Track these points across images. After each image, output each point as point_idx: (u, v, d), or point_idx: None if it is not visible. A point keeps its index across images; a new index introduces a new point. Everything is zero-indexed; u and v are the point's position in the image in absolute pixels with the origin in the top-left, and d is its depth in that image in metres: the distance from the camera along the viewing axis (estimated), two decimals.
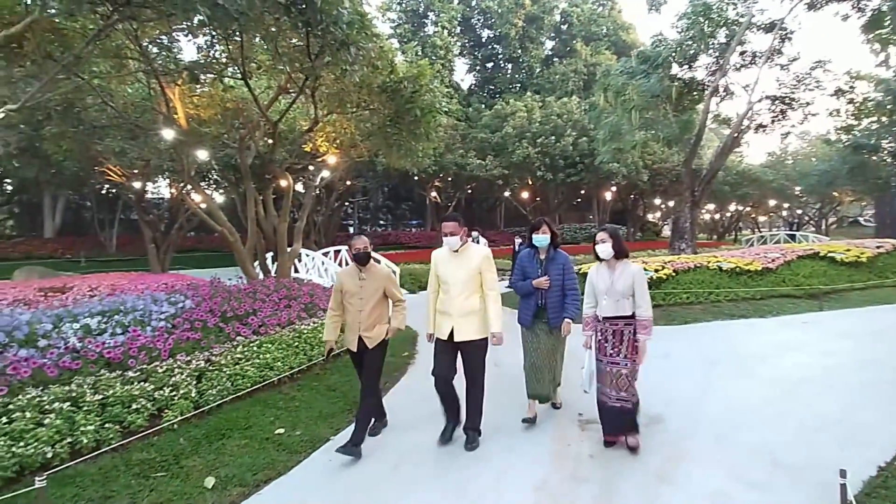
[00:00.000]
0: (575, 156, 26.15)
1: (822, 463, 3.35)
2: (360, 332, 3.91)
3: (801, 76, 17.20)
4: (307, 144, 11.30)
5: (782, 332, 7.40)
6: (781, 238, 31.37)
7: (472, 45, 36.96)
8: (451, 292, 3.85)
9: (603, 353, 3.82)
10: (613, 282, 3.70)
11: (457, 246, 3.85)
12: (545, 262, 4.19)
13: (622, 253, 3.76)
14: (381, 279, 4.01)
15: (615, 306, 3.71)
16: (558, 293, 4.14)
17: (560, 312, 4.13)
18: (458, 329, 3.82)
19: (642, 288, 3.68)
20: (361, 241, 3.97)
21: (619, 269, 3.75)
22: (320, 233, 26.38)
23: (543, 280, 4.11)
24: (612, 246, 3.72)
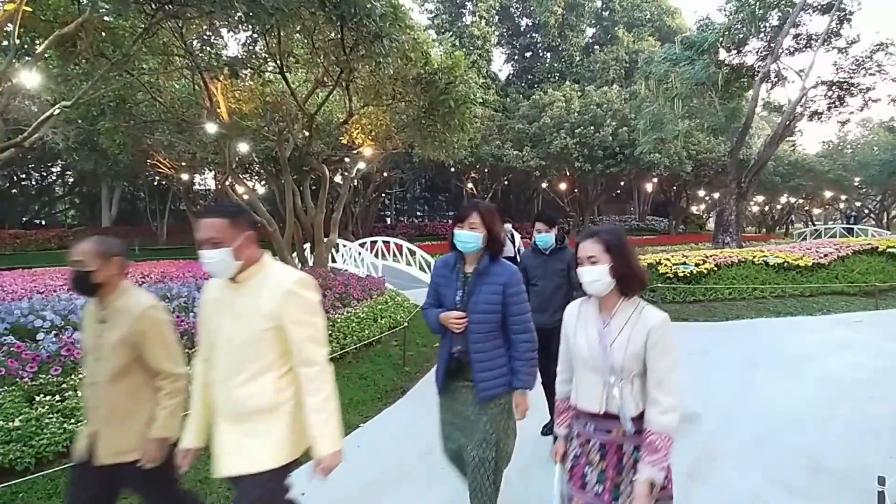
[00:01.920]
0: (615, 146, 25.52)
1: (866, 470, 3.18)
2: (92, 429, 2.04)
3: (861, 60, 16.16)
4: (344, 136, 11.48)
5: (832, 331, 7.04)
6: (837, 232, 29.70)
7: (511, 35, 36.48)
8: (217, 367, 1.94)
9: (579, 484, 1.90)
10: (607, 344, 1.83)
11: (220, 267, 1.84)
12: (472, 279, 2.32)
13: (630, 281, 1.85)
14: (131, 324, 1.99)
15: (604, 394, 1.85)
16: (492, 338, 2.32)
17: (497, 374, 2.32)
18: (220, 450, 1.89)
19: (664, 361, 1.77)
20: (83, 248, 1.99)
21: (622, 316, 1.85)
22: (358, 224, 26.80)
23: (454, 317, 2.29)
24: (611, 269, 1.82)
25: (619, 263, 1.83)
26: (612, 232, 1.92)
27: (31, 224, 29.09)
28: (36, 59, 6.78)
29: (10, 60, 6.32)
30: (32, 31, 7.07)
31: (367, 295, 7.46)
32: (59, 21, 6.57)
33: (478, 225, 2.29)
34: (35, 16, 6.62)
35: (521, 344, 2.34)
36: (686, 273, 9.31)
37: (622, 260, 1.84)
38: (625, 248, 1.87)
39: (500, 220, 2.37)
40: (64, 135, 16.03)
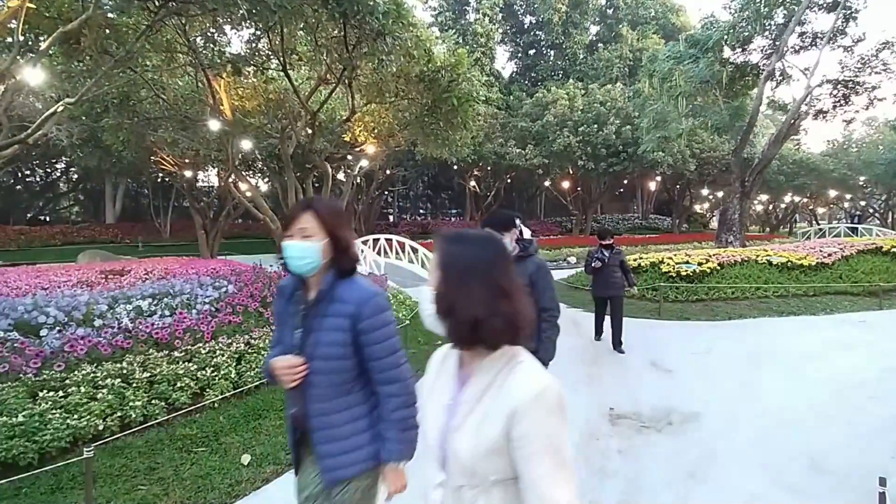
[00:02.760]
0: (618, 144, 25.44)
1: (868, 471, 3.17)
2: None
3: (866, 58, 16.03)
4: (346, 134, 11.50)
5: (835, 331, 7.02)
6: (841, 231, 29.56)
7: (514, 32, 36.36)
8: None
9: None
10: (451, 426, 1.11)
11: None
12: (311, 310, 1.63)
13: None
14: None
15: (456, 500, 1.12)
16: (342, 393, 1.63)
17: (349, 445, 1.62)
18: None
19: (538, 467, 1.01)
20: None
21: (483, 378, 1.10)
22: (360, 221, 26.82)
23: (282, 366, 1.59)
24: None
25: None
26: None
27: (36, 220, 29.20)
28: (40, 56, 6.80)
29: (14, 57, 6.34)
30: (36, 28, 7.10)
31: None
32: (63, 18, 6.60)
33: (313, 231, 1.57)
34: (39, 13, 6.64)
35: (389, 400, 1.59)
36: (689, 272, 9.29)
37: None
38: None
39: (347, 220, 1.65)
40: (68, 131, 16.06)
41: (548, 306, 2.89)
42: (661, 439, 3.84)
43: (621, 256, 6.38)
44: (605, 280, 6.30)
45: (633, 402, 4.56)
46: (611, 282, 6.28)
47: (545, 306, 2.88)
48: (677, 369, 5.48)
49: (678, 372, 5.40)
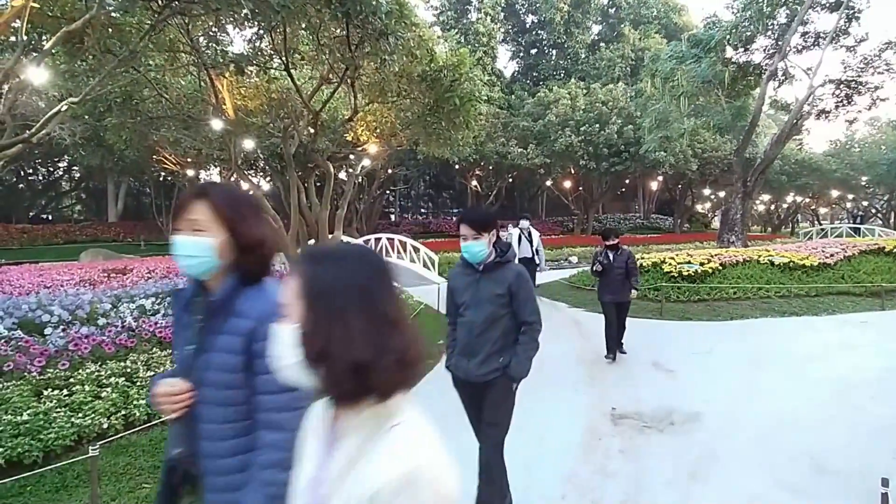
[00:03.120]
0: (620, 144, 25.40)
1: (870, 471, 3.17)
2: None
3: (869, 58, 16.01)
4: (348, 133, 11.50)
5: (838, 332, 7.02)
6: (844, 231, 29.50)
7: (516, 32, 36.33)
8: None
9: None
10: (318, 494, 0.84)
11: None
12: (210, 320, 1.28)
13: (390, 373, 0.80)
14: None
15: None
16: (239, 432, 1.25)
17: None
18: None
19: None
20: None
21: (354, 440, 0.81)
22: (362, 220, 26.84)
23: (167, 390, 1.25)
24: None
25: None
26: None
27: (38, 219, 29.25)
28: (43, 56, 6.82)
29: (17, 57, 6.36)
30: (40, 27, 7.12)
31: None
32: (67, 17, 6.61)
33: (206, 224, 1.27)
34: (42, 12, 6.65)
35: (265, 451, 1.18)
36: (691, 272, 9.29)
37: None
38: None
39: (254, 211, 1.33)
40: (71, 130, 16.08)
41: (530, 319, 2.60)
42: (663, 439, 3.85)
43: (627, 257, 5.87)
44: (610, 284, 5.86)
45: (635, 402, 4.57)
46: (615, 286, 5.84)
47: (527, 319, 2.60)
48: (679, 369, 5.48)
49: (680, 372, 5.41)
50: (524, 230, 8.37)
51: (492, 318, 2.61)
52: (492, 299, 2.59)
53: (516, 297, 2.59)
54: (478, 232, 2.55)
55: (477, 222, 2.57)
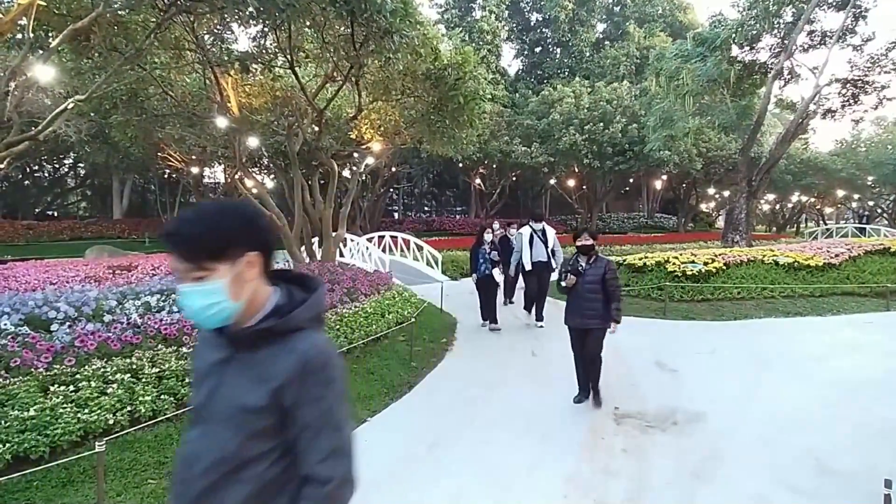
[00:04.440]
0: (624, 143, 25.33)
1: (874, 472, 3.17)
2: None
3: (876, 57, 15.92)
4: (353, 131, 11.50)
5: (842, 332, 6.99)
6: (849, 231, 29.35)
7: (521, 30, 36.24)
8: None
9: None
10: None
11: None
12: None
13: None
14: None
15: None
16: None
17: None
18: None
19: None
20: None
21: None
22: (366, 218, 26.87)
23: None
24: None
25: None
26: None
27: (44, 215, 29.39)
28: (50, 53, 6.85)
29: (24, 54, 6.39)
30: (46, 25, 7.15)
31: (375, 290, 7.50)
32: (73, 15, 6.64)
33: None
34: (49, 10, 6.69)
35: None
36: (694, 272, 9.26)
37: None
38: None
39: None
40: (77, 128, 16.19)
41: (320, 474, 1.13)
42: (666, 439, 3.86)
43: (605, 269, 4.38)
44: (579, 303, 4.41)
45: (639, 402, 4.57)
46: (585, 306, 4.36)
47: (313, 472, 1.13)
48: (682, 369, 5.48)
49: (683, 371, 5.41)
50: (537, 231, 7.66)
51: (231, 460, 1.12)
52: (235, 415, 1.13)
53: (295, 417, 1.12)
54: (199, 262, 1.07)
55: (192, 244, 1.08)
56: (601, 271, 4.37)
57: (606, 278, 4.35)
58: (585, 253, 4.47)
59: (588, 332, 4.41)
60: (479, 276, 7.42)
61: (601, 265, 4.41)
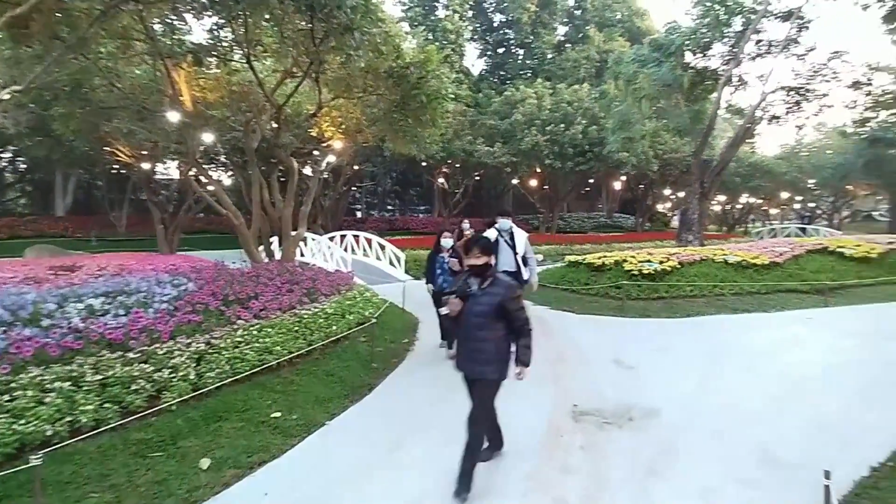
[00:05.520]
0: (584, 144, 25.88)
1: (818, 463, 3.32)
2: None
3: (817, 67, 16.84)
4: (313, 129, 11.27)
5: (786, 328, 7.35)
6: (792, 231, 30.98)
7: (484, 30, 36.48)
8: None
9: None
10: None
11: None
12: None
13: None
14: None
15: None
16: None
17: None
18: None
19: None
20: None
21: None
22: (327, 217, 26.45)
23: None
24: None
25: None
26: None
27: None
28: None
29: None
30: None
31: (336, 290, 7.36)
32: (12, 1, 6.21)
33: None
34: None
35: None
36: (651, 270, 9.54)
37: None
38: None
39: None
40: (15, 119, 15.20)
41: None
42: (623, 435, 3.94)
43: (504, 296, 3.14)
44: (467, 341, 3.24)
45: (597, 399, 4.66)
46: (474, 346, 3.19)
47: None
48: (639, 366, 5.62)
49: (640, 368, 5.55)
50: (504, 231, 6.20)
51: None
52: None
53: None
54: None
55: None
56: (497, 298, 3.11)
57: (506, 308, 3.10)
58: (479, 274, 3.20)
59: (474, 384, 3.24)
60: (435, 289, 6.22)
61: (499, 290, 3.14)
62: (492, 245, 3.31)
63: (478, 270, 3.21)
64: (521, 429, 4.09)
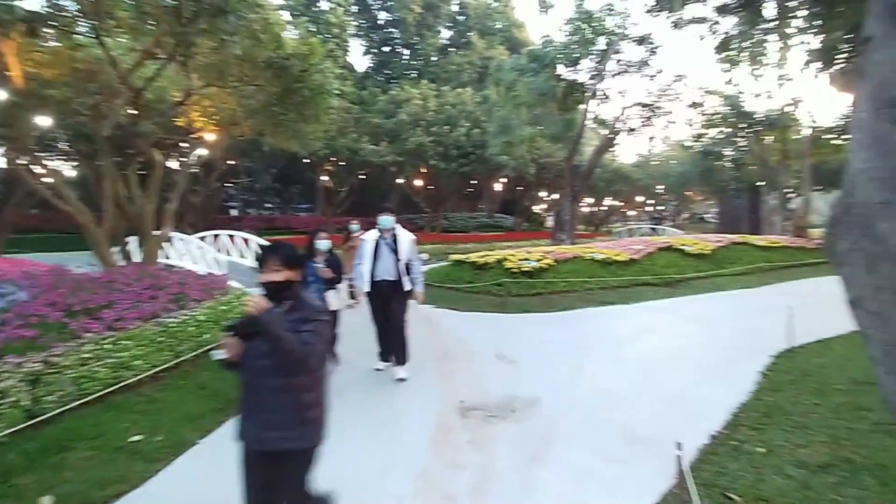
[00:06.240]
0: (467, 146, 26.79)
1: (669, 436, 3.75)
2: None
3: (664, 87, 19.23)
4: (180, 118, 10.23)
5: (643, 318, 8.25)
6: (645, 231, 35.10)
7: (369, 27, 36.06)
8: None
9: None
10: None
11: None
12: None
13: None
14: None
15: None
16: None
17: None
18: None
19: None
20: None
21: None
22: (197, 215, 24.28)
23: None
24: None
25: None
26: None
27: None
28: None
29: None
30: None
31: (209, 295, 6.75)
32: None
33: None
34: None
35: None
36: (529, 268, 10.15)
37: None
38: None
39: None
40: None
41: None
42: (507, 427, 4.12)
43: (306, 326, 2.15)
44: (252, 397, 2.22)
45: (482, 394, 4.81)
46: (263, 402, 2.17)
47: None
48: (520, 359, 5.92)
49: (521, 362, 5.85)
50: (385, 231, 5.23)
51: None
52: None
53: None
54: None
55: None
56: (307, 331, 2.14)
57: (290, 352, 2.07)
58: (276, 297, 2.18)
59: (267, 462, 2.21)
60: None
61: (301, 315, 2.19)
62: (297, 255, 2.28)
63: (275, 290, 2.17)
64: (411, 429, 4.09)
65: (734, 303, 9.46)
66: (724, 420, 4.05)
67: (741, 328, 7.31)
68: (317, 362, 2.21)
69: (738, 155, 25.05)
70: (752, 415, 4.14)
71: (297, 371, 2.14)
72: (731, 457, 3.44)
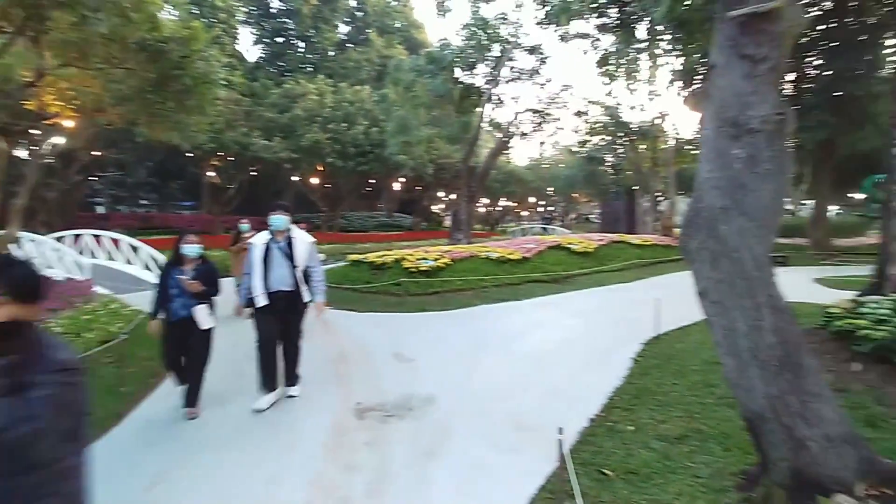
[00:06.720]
0: (366, 145, 26.49)
1: (554, 423, 4.03)
2: None
3: (553, 95, 20.56)
4: (31, 101, 8.93)
5: (533, 313, 8.75)
6: (537, 230, 37.23)
7: (260, 15, 34.21)
8: None
9: None
10: None
11: None
12: None
13: None
14: None
15: None
16: None
17: None
18: None
19: None
20: None
21: None
22: (52, 213, 21.35)
23: None
24: None
25: None
26: None
27: None
28: None
29: None
30: None
31: (68, 303, 5.99)
32: None
33: None
34: None
35: None
36: (427, 267, 10.30)
37: None
38: None
39: None
40: None
41: None
42: (404, 425, 4.16)
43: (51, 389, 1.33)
44: None
45: (379, 394, 4.81)
46: None
47: None
48: (417, 358, 6.00)
49: (418, 360, 5.93)
50: (277, 233, 4.59)
51: None
52: None
53: None
54: None
55: None
56: (35, 402, 1.30)
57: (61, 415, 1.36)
58: (4, 339, 1.37)
59: None
60: (171, 319, 4.21)
61: (32, 375, 1.34)
62: (32, 280, 1.52)
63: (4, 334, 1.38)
64: (306, 434, 3.98)
65: (613, 296, 10.37)
66: (601, 404, 4.44)
67: (618, 319, 8.03)
68: (54, 449, 1.35)
69: (617, 161, 27.58)
70: (625, 397, 4.58)
71: (16, 467, 1.28)
72: (606, 437, 3.79)
